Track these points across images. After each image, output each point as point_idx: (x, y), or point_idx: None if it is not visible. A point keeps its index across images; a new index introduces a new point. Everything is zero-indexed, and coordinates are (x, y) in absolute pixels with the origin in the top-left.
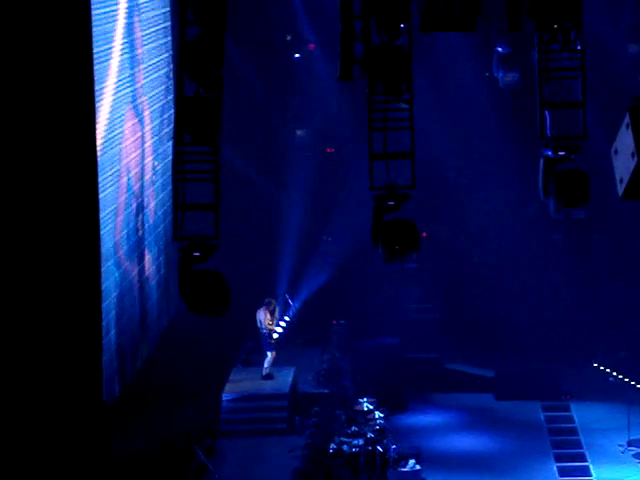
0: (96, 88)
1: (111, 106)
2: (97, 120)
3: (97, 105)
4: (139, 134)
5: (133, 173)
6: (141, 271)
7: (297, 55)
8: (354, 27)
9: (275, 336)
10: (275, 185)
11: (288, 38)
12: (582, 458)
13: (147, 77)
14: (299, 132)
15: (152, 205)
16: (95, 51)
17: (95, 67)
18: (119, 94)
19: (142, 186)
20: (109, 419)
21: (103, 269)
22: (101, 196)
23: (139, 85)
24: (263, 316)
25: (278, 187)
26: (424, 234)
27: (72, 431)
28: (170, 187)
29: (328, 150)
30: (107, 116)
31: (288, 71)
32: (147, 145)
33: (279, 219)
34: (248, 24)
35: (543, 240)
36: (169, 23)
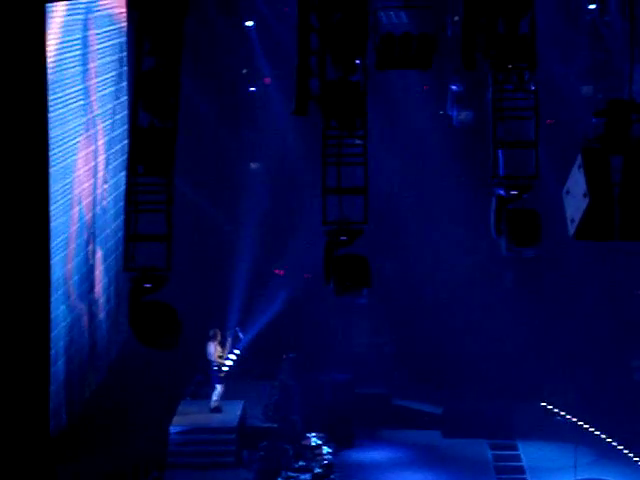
0: (50, 116)
1: (65, 134)
2: (50, 148)
3: (50, 133)
4: (92, 164)
5: (85, 202)
6: (91, 301)
7: (252, 88)
8: (310, 62)
9: (225, 369)
10: (228, 218)
11: (244, 71)
12: None
13: (101, 107)
14: (253, 165)
15: (103, 235)
16: (50, 80)
17: (50, 96)
18: (73, 122)
19: (94, 216)
20: (55, 451)
21: (53, 298)
22: (52, 225)
23: (93, 115)
24: (213, 349)
25: (231, 220)
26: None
27: (17, 463)
28: (122, 217)
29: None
30: (60, 144)
31: (243, 104)
32: (100, 175)
33: (231, 252)
34: (204, 56)
35: (494, 278)
36: (125, 53)
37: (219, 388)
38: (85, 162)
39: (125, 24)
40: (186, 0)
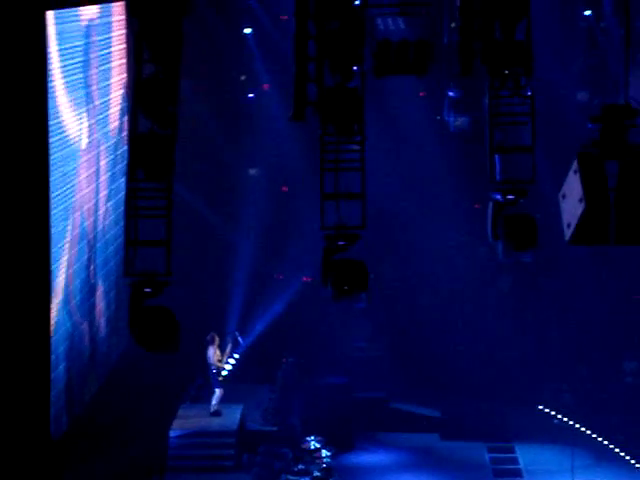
0: (51, 123)
1: (66, 140)
2: (51, 153)
3: (51, 139)
4: (93, 169)
5: (86, 208)
6: (91, 306)
7: (251, 95)
8: (308, 68)
9: (224, 373)
10: (227, 223)
11: (242, 78)
12: None
13: (102, 113)
14: (252, 171)
15: (104, 240)
16: (50, 86)
17: (50, 103)
18: (74, 128)
19: (95, 221)
20: (56, 455)
21: (53, 303)
22: (53, 230)
23: (94, 121)
24: (212, 353)
25: (230, 225)
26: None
27: (19, 468)
28: (122, 223)
29: (283, 189)
30: (61, 149)
31: (242, 110)
32: (101, 180)
33: (230, 256)
34: (203, 63)
35: (491, 282)
36: (124, 60)
37: (218, 392)
38: (86, 168)
39: (124, 31)
40: (185, 7)
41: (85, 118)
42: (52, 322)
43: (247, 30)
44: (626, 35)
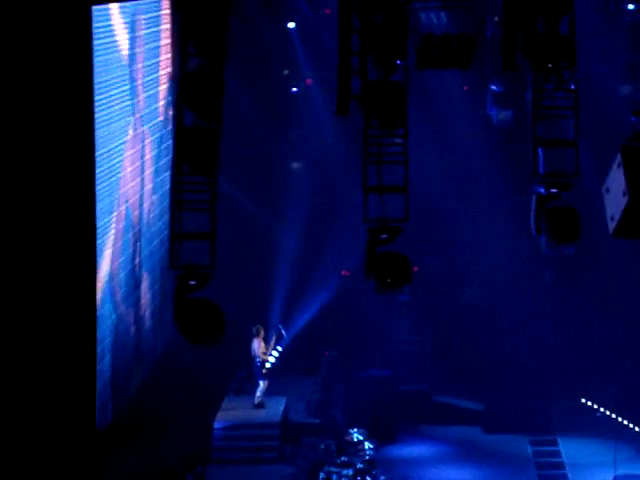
0: (96, 116)
1: (111, 134)
2: (97, 148)
3: (97, 133)
4: (138, 163)
5: (131, 201)
6: (137, 299)
7: (294, 89)
8: (351, 63)
9: (268, 365)
10: (271, 216)
11: (286, 72)
12: None
13: (147, 107)
14: (295, 165)
15: (149, 233)
16: (96, 81)
17: (96, 97)
18: (120, 122)
19: (140, 214)
20: (101, 446)
21: (99, 296)
22: (98, 223)
23: (139, 115)
24: (257, 345)
25: (274, 218)
26: (415, 268)
27: (65, 458)
28: (167, 216)
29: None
30: (107, 144)
31: (285, 105)
32: (146, 174)
33: (274, 250)
34: (247, 57)
35: (534, 275)
36: (170, 55)
37: (262, 384)
38: (131, 161)
39: (169, 25)
40: (229, 1)
41: (131, 112)
42: (97, 314)
43: (291, 24)
44: None
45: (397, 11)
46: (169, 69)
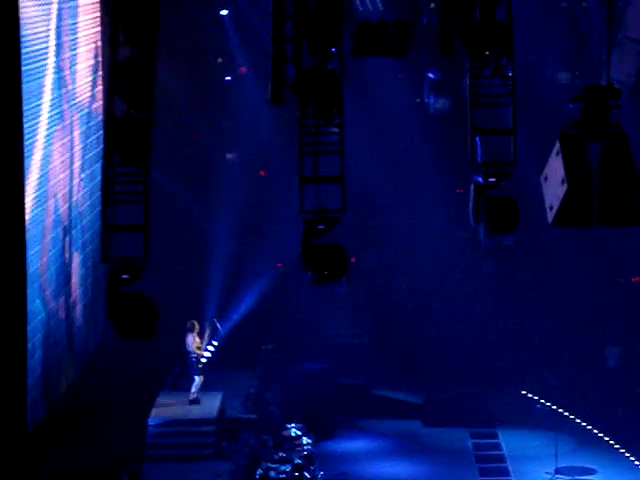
0: (25, 108)
1: (39, 125)
2: (25, 139)
3: (25, 125)
4: (68, 155)
5: (60, 194)
6: (68, 294)
7: (228, 78)
8: (285, 50)
9: (203, 360)
10: (204, 208)
11: (219, 60)
12: None
13: (76, 97)
14: (229, 155)
15: (80, 227)
16: (24, 69)
17: (24, 86)
18: (49, 113)
19: (69, 207)
20: (32, 444)
21: (29, 291)
22: (27, 218)
23: (68, 105)
24: (191, 340)
25: (207, 210)
26: (353, 259)
27: None
28: (98, 209)
29: (262, 173)
30: (35, 135)
31: (219, 94)
32: (76, 166)
33: (207, 242)
34: (179, 46)
35: (473, 266)
36: (99, 44)
37: (197, 379)
38: (61, 153)
39: (99, 14)
40: None
41: (60, 102)
42: (27, 310)
43: (223, 12)
44: (608, 15)
45: None
46: (98, 59)
